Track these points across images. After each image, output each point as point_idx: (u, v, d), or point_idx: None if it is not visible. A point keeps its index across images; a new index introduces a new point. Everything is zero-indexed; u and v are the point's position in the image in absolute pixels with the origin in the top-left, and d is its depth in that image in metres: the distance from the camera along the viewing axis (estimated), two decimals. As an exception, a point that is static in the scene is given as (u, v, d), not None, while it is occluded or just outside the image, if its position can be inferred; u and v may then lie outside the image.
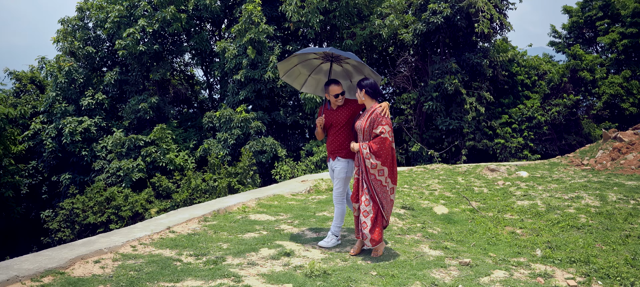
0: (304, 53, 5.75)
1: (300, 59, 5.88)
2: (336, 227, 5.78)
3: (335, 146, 5.61)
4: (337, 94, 5.53)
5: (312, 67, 6.05)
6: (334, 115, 5.63)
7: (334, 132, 5.62)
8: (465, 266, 5.23)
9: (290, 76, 6.08)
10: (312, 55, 5.82)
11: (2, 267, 4.44)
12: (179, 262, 5.05)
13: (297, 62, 5.89)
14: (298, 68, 6.01)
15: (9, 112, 16.18)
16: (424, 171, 13.20)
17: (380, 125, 5.15)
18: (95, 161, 18.82)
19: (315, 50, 5.72)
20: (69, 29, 20.87)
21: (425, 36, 18.99)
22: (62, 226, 17.32)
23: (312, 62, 5.96)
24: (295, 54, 5.74)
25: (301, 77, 6.13)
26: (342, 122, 5.58)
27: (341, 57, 5.69)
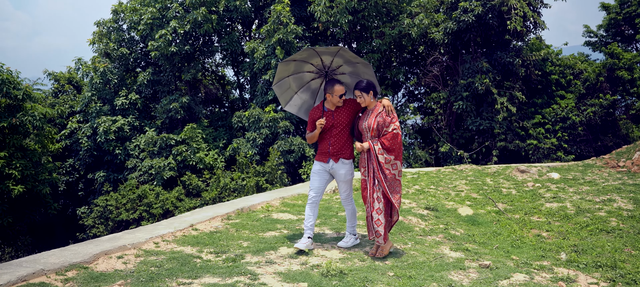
0: (303, 61, 5.61)
1: (297, 68, 5.72)
2: (352, 226, 5.80)
3: (337, 148, 5.51)
4: (341, 94, 5.46)
5: (302, 84, 5.91)
6: (336, 117, 5.54)
7: (337, 134, 5.51)
8: (485, 268, 5.16)
9: (280, 87, 5.89)
10: (306, 68, 5.71)
11: (30, 261, 4.62)
12: (199, 259, 5.14)
13: (292, 71, 5.72)
14: (289, 80, 5.84)
15: (46, 111, 16.71)
16: (451, 172, 13.04)
17: (392, 123, 5.20)
18: (129, 159, 19.28)
19: (322, 52, 5.50)
20: (104, 31, 21.43)
21: (455, 35, 18.73)
22: (97, 222, 17.81)
23: (304, 76, 5.83)
24: (295, 58, 5.57)
25: (288, 93, 5.96)
26: (345, 123, 5.53)
27: (336, 71, 5.67)
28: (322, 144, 5.62)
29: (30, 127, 16.41)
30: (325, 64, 5.64)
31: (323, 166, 5.60)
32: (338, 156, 5.51)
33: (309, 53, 5.51)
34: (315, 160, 5.70)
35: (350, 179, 5.60)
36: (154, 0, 19.87)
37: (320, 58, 5.56)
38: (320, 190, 5.59)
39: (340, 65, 5.62)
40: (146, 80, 20.24)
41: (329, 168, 5.57)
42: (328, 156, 5.55)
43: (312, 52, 5.49)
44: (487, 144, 18.70)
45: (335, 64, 5.61)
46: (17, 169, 15.20)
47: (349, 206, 5.72)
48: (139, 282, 4.34)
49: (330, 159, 5.55)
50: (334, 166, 5.54)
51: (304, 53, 5.52)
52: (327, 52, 5.47)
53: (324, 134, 5.58)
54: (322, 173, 5.60)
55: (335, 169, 5.55)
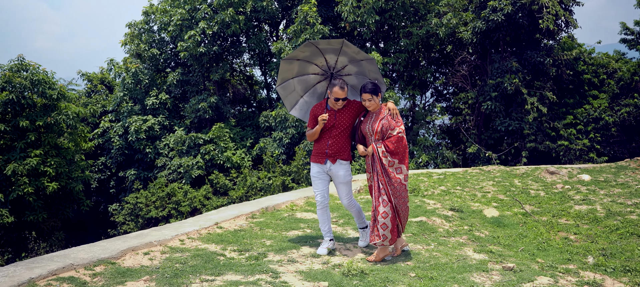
0: (306, 61, 5.45)
1: (300, 69, 5.55)
2: (363, 222, 5.74)
3: (335, 149, 5.33)
4: (338, 99, 5.26)
5: (307, 87, 5.75)
6: (338, 117, 5.36)
7: (336, 135, 5.34)
8: (508, 270, 5.10)
9: (285, 89, 5.72)
10: (311, 69, 5.56)
11: (60, 256, 4.78)
12: (222, 256, 5.23)
13: (296, 72, 5.57)
14: (294, 82, 5.68)
15: (80, 111, 17.21)
16: (479, 173, 12.88)
17: (397, 126, 5.09)
18: (158, 157, 19.68)
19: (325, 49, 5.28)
20: (135, 32, 21.92)
21: (484, 34, 18.46)
22: (127, 219, 18.25)
23: (309, 79, 5.68)
24: (297, 56, 5.40)
25: (294, 96, 5.79)
26: (346, 124, 5.36)
27: (342, 72, 5.48)
28: (318, 144, 5.43)
29: (65, 126, 16.92)
30: (330, 64, 5.45)
31: (321, 168, 5.43)
32: (336, 157, 5.34)
33: (311, 51, 5.32)
34: (312, 162, 5.50)
35: (349, 180, 5.44)
36: (183, 2, 20.22)
37: (324, 57, 5.38)
38: (326, 192, 5.46)
39: (345, 66, 5.43)
40: (176, 80, 20.61)
41: (326, 169, 5.41)
42: (325, 157, 5.38)
43: (315, 49, 5.29)
44: (516, 145, 18.39)
45: (340, 63, 5.41)
46: (52, 166, 15.68)
47: (354, 207, 5.60)
48: (163, 278, 4.45)
49: (328, 160, 5.37)
50: (331, 168, 5.37)
51: (307, 51, 5.33)
52: (330, 50, 5.27)
53: (323, 133, 5.39)
54: (321, 175, 5.45)
55: (333, 171, 5.38)
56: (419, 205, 8.22)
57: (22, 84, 15.82)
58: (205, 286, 4.30)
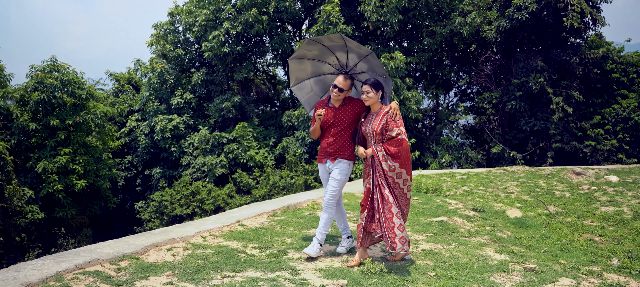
0: (318, 60, 5.34)
1: (315, 69, 5.45)
2: (323, 234, 5.25)
3: (336, 147, 5.17)
4: (335, 85, 5.10)
5: (326, 88, 5.63)
6: (338, 114, 5.19)
7: (336, 133, 5.17)
8: (529, 271, 5.06)
9: (301, 90, 5.62)
10: (326, 69, 5.44)
11: (87, 251, 4.93)
12: (243, 253, 5.31)
13: (310, 72, 5.48)
14: (311, 83, 5.58)
15: (107, 110, 17.58)
16: (503, 173, 12.74)
17: (396, 127, 4.88)
18: (183, 156, 19.95)
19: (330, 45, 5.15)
20: (161, 33, 22.26)
21: (509, 33, 18.23)
22: (153, 216, 18.55)
23: (326, 79, 5.56)
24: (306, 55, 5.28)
25: (313, 97, 5.66)
26: (347, 122, 5.18)
27: (355, 70, 5.31)
28: (321, 143, 5.31)
29: (93, 125, 17.30)
30: (342, 63, 5.33)
31: (322, 168, 5.33)
32: (335, 156, 5.18)
33: (319, 49, 5.22)
34: (317, 162, 5.41)
35: (342, 179, 5.16)
36: (208, 3, 20.46)
37: (334, 55, 5.27)
38: None
39: (356, 63, 5.28)
40: (200, 80, 20.87)
41: (327, 169, 5.26)
42: (326, 155, 5.24)
43: (322, 47, 5.17)
44: (541, 145, 18.10)
45: (352, 61, 5.27)
46: (80, 164, 16.05)
47: (330, 210, 5.20)
48: (185, 273, 4.55)
49: (328, 159, 5.22)
50: (331, 166, 5.22)
51: (314, 49, 5.24)
52: (337, 47, 5.15)
53: (324, 131, 5.26)
54: (325, 175, 5.34)
55: (331, 168, 5.22)
56: (440, 205, 8.19)
57: (53, 84, 16.22)
58: (226, 281, 4.38)
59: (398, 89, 17.23)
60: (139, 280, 4.33)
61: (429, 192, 9.56)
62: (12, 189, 10.45)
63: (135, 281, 4.30)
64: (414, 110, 17.33)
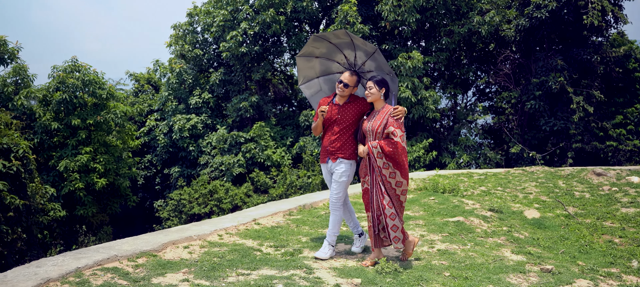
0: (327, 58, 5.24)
1: (323, 68, 5.34)
2: (333, 236, 5.20)
3: (337, 146, 5.03)
4: (340, 80, 4.99)
5: (334, 87, 5.43)
6: (341, 112, 5.05)
7: (338, 131, 5.03)
8: (546, 272, 5.01)
9: (310, 88, 5.52)
10: (334, 67, 5.33)
11: (105, 247, 5.02)
12: (258, 252, 5.35)
13: (319, 71, 5.38)
14: (319, 82, 5.47)
15: (127, 110, 17.85)
16: (521, 174, 12.59)
17: (392, 126, 4.73)
18: (201, 155, 20.15)
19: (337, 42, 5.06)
20: (180, 33, 22.51)
21: (528, 32, 18.03)
22: (171, 215, 18.76)
23: (335, 78, 5.43)
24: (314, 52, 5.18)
25: (321, 95, 5.53)
26: (350, 120, 5.04)
27: (363, 68, 5.21)
28: (323, 141, 5.16)
29: (113, 125, 17.58)
30: (350, 61, 5.22)
31: (325, 168, 5.18)
32: (336, 155, 5.03)
33: (327, 47, 5.12)
34: (320, 162, 5.25)
35: (344, 180, 5.05)
36: (226, 3, 20.61)
37: (342, 54, 5.18)
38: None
39: (364, 61, 5.18)
40: (218, 80, 21.04)
41: (329, 168, 5.12)
42: (327, 154, 5.09)
43: (329, 44, 5.08)
44: (561, 145, 17.86)
45: (360, 59, 5.18)
46: (101, 163, 16.33)
47: (337, 212, 5.15)
48: (201, 271, 4.61)
49: (329, 158, 5.08)
50: (332, 166, 5.08)
51: (321, 47, 5.14)
52: (344, 44, 5.06)
53: (327, 130, 5.10)
54: (329, 178, 5.19)
55: (333, 168, 5.08)
56: (457, 205, 8.14)
57: (74, 84, 16.52)
58: (241, 279, 4.42)
59: (416, 88, 17.16)
60: (156, 277, 4.39)
61: (446, 193, 9.50)
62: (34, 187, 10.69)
63: (152, 277, 4.37)
64: (432, 110, 17.24)
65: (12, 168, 9.39)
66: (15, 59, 16.90)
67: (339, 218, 5.16)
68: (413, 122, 18.67)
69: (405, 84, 17.05)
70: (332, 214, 5.16)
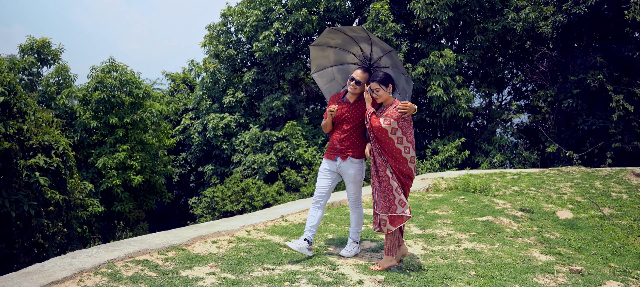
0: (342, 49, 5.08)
1: (338, 58, 5.21)
2: (356, 233, 5.22)
3: (346, 144, 4.92)
4: (352, 77, 4.88)
5: (348, 77, 5.26)
6: (351, 110, 4.95)
7: (348, 129, 4.92)
8: (575, 273, 4.92)
9: (323, 77, 5.40)
10: (349, 58, 5.19)
11: (137, 241, 5.20)
12: (285, 248, 5.44)
13: (333, 60, 5.25)
14: (333, 71, 5.35)
15: (162, 109, 18.29)
16: (557, 174, 12.31)
17: (391, 116, 4.55)
18: (234, 154, 20.46)
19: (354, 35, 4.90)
20: (214, 33, 22.89)
21: (566, 28, 17.54)
22: (205, 212, 19.13)
23: (349, 68, 5.28)
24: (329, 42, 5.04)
25: (334, 84, 5.44)
26: (360, 119, 4.93)
27: (379, 64, 5.05)
28: (331, 139, 5.05)
29: (149, 123, 18.04)
30: (366, 54, 5.06)
31: (330, 165, 5.03)
32: (346, 154, 4.92)
33: (342, 38, 4.99)
34: (324, 157, 5.11)
35: (360, 179, 5.03)
36: (259, 4, 20.85)
37: (358, 46, 5.03)
38: (326, 190, 5.05)
39: (380, 57, 5.03)
40: (251, 79, 21.31)
41: (336, 167, 4.99)
42: (336, 152, 4.97)
43: (345, 36, 4.94)
44: (600, 145, 17.33)
45: (376, 54, 5.02)
46: (137, 161, 16.78)
47: (357, 209, 5.17)
48: (228, 265, 4.72)
49: (338, 156, 4.95)
50: (341, 165, 4.96)
51: (337, 38, 5.01)
52: (360, 38, 4.93)
53: (336, 127, 4.99)
54: (328, 173, 5.04)
55: (342, 169, 4.97)
56: (487, 204, 8.04)
57: (112, 84, 17.03)
58: (266, 274, 4.51)
59: (448, 87, 16.98)
60: (184, 270, 4.53)
61: (477, 192, 9.39)
62: (73, 182, 11.10)
63: (180, 270, 4.51)
64: (464, 108, 17.02)
65: (53, 164, 9.78)
66: (58, 60, 17.56)
67: (360, 215, 5.18)
68: (445, 121, 18.47)
69: (437, 83, 16.88)
70: (353, 212, 5.19)
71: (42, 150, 9.90)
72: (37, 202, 9.19)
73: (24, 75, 17.12)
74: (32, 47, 16.94)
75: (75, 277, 4.10)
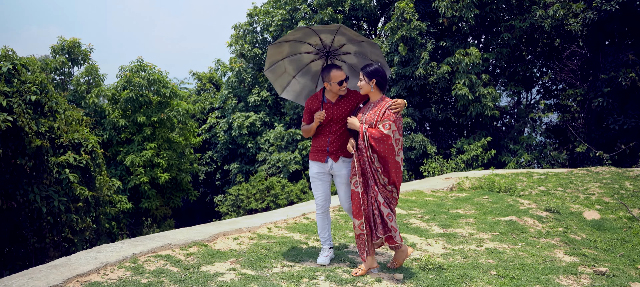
0: (298, 41, 4.79)
1: (292, 50, 4.90)
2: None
3: (337, 145, 4.69)
4: (341, 81, 4.58)
5: (300, 66, 5.08)
6: (336, 109, 4.71)
7: (336, 130, 4.70)
8: (600, 275, 4.82)
9: (274, 72, 5.06)
10: (304, 48, 4.89)
11: (161, 236, 5.31)
12: (305, 245, 5.48)
13: (286, 53, 4.93)
14: (284, 63, 5.03)
15: (189, 108, 18.57)
16: (585, 174, 12.04)
17: (388, 119, 4.30)
18: (259, 152, 20.64)
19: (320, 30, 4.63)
20: (240, 33, 23.15)
21: (596, 25, 17.13)
22: (230, 209, 19.34)
23: (302, 58, 5.02)
24: (288, 38, 4.73)
25: (285, 77, 5.14)
26: (347, 116, 4.69)
27: (339, 51, 4.83)
28: (318, 141, 4.80)
29: (176, 122, 18.34)
30: (325, 43, 4.77)
31: (321, 167, 4.78)
32: (338, 155, 4.69)
33: (304, 32, 4.68)
34: (311, 160, 4.85)
35: None
36: (284, 3, 20.98)
37: (318, 37, 4.73)
38: (326, 196, 4.85)
39: (343, 44, 4.76)
40: (276, 78, 21.45)
41: (327, 168, 4.75)
42: (326, 154, 4.73)
43: (308, 30, 4.65)
44: (631, 145, 16.86)
45: (338, 42, 4.76)
46: (164, 158, 17.08)
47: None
48: (248, 261, 4.78)
49: (329, 157, 4.72)
50: (333, 166, 4.72)
51: (298, 33, 4.68)
52: (326, 31, 4.62)
53: (322, 128, 4.76)
54: (322, 176, 4.81)
55: (335, 170, 4.72)
56: (511, 204, 7.93)
57: (140, 83, 17.37)
58: (285, 270, 4.56)
59: (473, 85, 16.78)
60: (205, 265, 4.61)
61: (501, 192, 9.27)
62: (102, 179, 11.37)
63: (201, 265, 4.59)
64: (490, 107, 16.79)
65: (82, 162, 10.03)
66: (88, 60, 18.00)
67: None
68: (471, 119, 18.25)
69: (463, 81, 16.70)
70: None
71: (72, 147, 10.17)
72: (66, 198, 9.45)
73: (56, 75, 17.61)
74: (63, 47, 17.41)
75: (99, 271, 4.22)
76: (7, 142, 8.51)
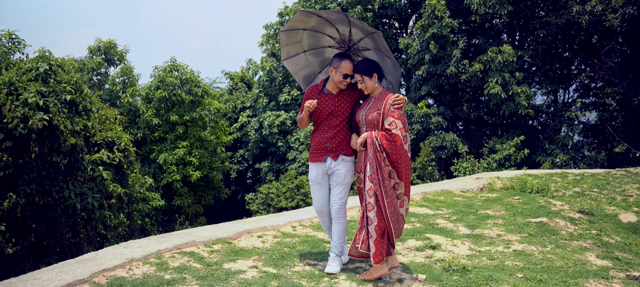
0: (327, 21, 4.36)
1: (318, 26, 4.48)
2: (340, 246, 4.57)
3: (336, 142, 4.40)
4: (347, 75, 4.29)
5: (316, 45, 4.70)
6: (337, 103, 4.41)
7: (336, 125, 4.40)
8: (633, 280, 4.65)
9: (289, 36, 4.64)
10: (329, 31, 4.50)
11: (186, 233, 5.40)
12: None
13: (311, 26, 4.49)
14: (304, 34, 4.60)
15: (220, 107, 18.83)
16: (624, 175, 11.64)
17: (392, 116, 4.10)
18: (289, 151, 20.75)
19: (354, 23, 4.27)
20: (271, 32, 23.30)
21: (636, 21, 16.54)
22: (260, 208, 19.51)
23: (322, 39, 4.61)
24: (321, 13, 4.30)
25: (296, 47, 4.73)
26: (348, 111, 4.43)
27: (361, 53, 4.52)
28: (317, 137, 4.49)
29: (208, 121, 18.61)
30: (352, 38, 4.45)
31: (320, 168, 4.47)
32: (338, 153, 4.40)
33: (338, 16, 4.28)
34: (310, 161, 4.55)
35: (348, 181, 4.45)
36: (314, 2, 21.00)
37: (335, 27, 4.43)
38: (324, 201, 4.56)
39: (361, 38, 4.42)
40: (307, 77, 21.51)
41: (326, 168, 4.44)
42: (325, 153, 4.42)
43: (343, 18, 4.25)
44: (674, 145, 16.22)
45: (356, 35, 4.45)
46: (196, 157, 17.36)
47: (341, 220, 4.51)
48: (270, 259, 4.80)
49: (328, 156, 4.41)
50: (332, 165, 4.41)
51: (333, 15, 4.28)
52: (360, 27, 4.28)
53: (321, 123, 4.45)
54: (320, 179, 4.51)
55: (333, 168, 4.42)
56: (542, 206, 7.73)
57: (173, 82, 17.71)
58: (307, 269, 4.56)
59: (506, 84, 16.43)
60: (228, 262, 4.65)
61: (534, 192, 9.05)
62: (134, 177, 11.64)
63: (224, 262, 4.64)
64: (524, 106, 16.41)
65: (115, 159, 10.30)
66: (123, 60, 18.45)
67: (344, 226, 4.54)
68: (504, 118, 17.88)
69: (495, 79, 16.37)
70: (336, 222, 4.52)
71: (105, 145, 10.45)
72: (100, 194, 9.71)
73: (93, 75, 18.12)
74: (99, 48, 17.90)
75: (125, 266, 4.32)
76: (43, 140, 8.80)
